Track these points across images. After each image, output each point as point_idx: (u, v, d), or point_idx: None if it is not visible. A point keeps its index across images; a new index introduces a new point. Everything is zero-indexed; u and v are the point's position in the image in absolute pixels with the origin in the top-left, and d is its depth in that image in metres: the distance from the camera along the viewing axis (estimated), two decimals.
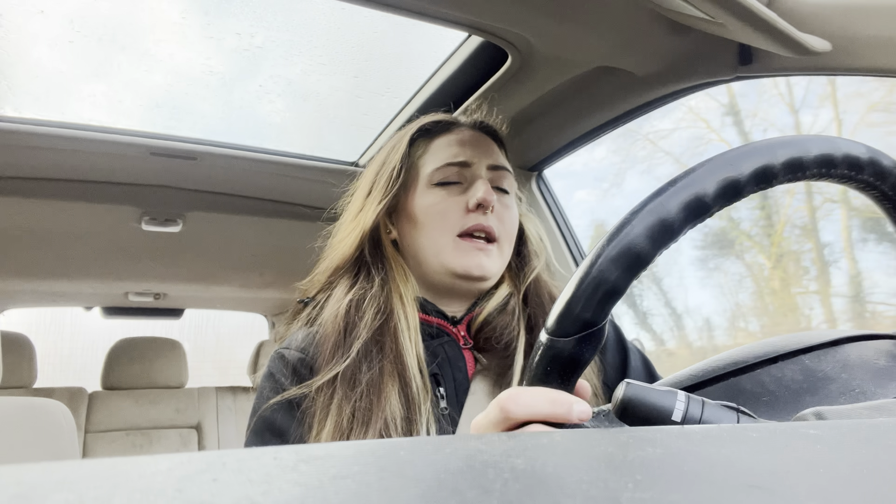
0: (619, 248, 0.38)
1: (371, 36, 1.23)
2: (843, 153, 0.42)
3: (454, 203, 0.83)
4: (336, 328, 0.77)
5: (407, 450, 0.22)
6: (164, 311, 3.15)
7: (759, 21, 0.73)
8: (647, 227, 0.38)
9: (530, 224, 0.94)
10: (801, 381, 0.44)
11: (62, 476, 0.17)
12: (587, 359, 0.40)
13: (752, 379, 0.44)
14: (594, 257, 0.39)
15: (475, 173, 0.85)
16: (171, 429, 2.81)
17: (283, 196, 1.83)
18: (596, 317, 0.39)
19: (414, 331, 0.79)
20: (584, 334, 0.39)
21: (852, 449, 0.24)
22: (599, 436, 0.25)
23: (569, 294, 0.39)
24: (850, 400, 0.41)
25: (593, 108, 1.22)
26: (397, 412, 0.71)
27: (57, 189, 1.66)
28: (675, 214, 0.39)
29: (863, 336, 0.47)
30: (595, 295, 0.39)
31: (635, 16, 0.92)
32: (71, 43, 1.21)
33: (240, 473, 0.18)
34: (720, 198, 0.39)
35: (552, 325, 0.40)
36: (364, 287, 0.82)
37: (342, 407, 0.71)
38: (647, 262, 0.39)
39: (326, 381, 0.73)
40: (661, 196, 0.39)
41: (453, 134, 0.89)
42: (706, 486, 0.19)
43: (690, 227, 0.40)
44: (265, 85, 1.40)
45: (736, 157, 0.40)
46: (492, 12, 0.94)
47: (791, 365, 0.45)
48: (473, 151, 0.86)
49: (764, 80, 2.04)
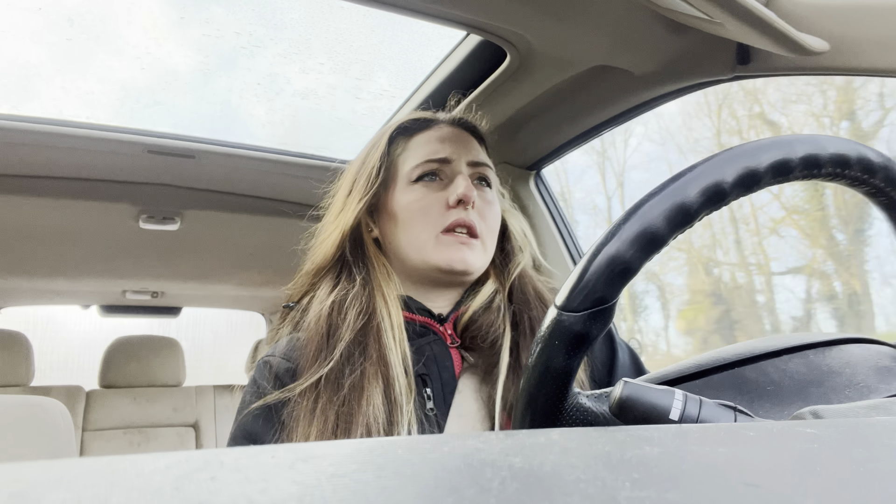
0: (635, 227, 0.39)
1: (370, 35, 1.23)
2: (858, 155, 0.42)
3: (435, 199, 0.83)
4: (319, 331, 0.77)
5: (405, 448, 0.22)
6: (162, 310, 3.15)
7: (757, 20, 0.73)
8: (666, 210, 0.39)
9: (513, 219, 0.94)
10: (805, 373, 0.44)
11: (59, 474, 0.17)
12: (595, 335, 0.40)
13: (756, 370, 0.45)
14: (609, 234, 0.39)
15: (455, 169, 0.85)
16: (168, 427, 2.81)
17: (281, 194, 1.83)
18: (607, 294, 0.39)
19: (398, 329, 0.78)
20: (594, 311, 0.39)
21: (849, 448, 0.24)
22: (597, 434, 0.25)
23: (581, 268, 0.40)
24: (855, 393, 0.41)
25: (591, 107, 1.22)
26: (380, 415, 0.70)
27: (54, 187, 1.66)
28: (693, 199, 0.39)
29: (865, 339, 0.48)
30: (608, 271, 0.39)
31: (633, 15, 0.92)
32: (69, 41, 1.21)
33: (237, 472, 0.18)
34: (738, 186, 0.40)
35: (563, 300, 0.40)
36: (346, 288, 0.81)
37: (326, 412, 0.70)
38: (663, 244, 0.39)
39: (310, 386, 0.73)
40: (681, 180, 0.39)
41: (432, 131, 0.89)
42: (703, 485, 0.19)
43: (707, 212, 0.40)
44: (263, 83, 1.40)
45: (756, 148, 0.40)
46: (490, 11, 0.94)
47: (796, 359, 0.45)
48: (453, 147, 0.86)
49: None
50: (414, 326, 0.82)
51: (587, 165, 2.90)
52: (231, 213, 1.92)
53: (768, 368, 0.45)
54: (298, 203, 1.86)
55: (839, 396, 0.42)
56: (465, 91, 1.25)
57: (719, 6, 0.72)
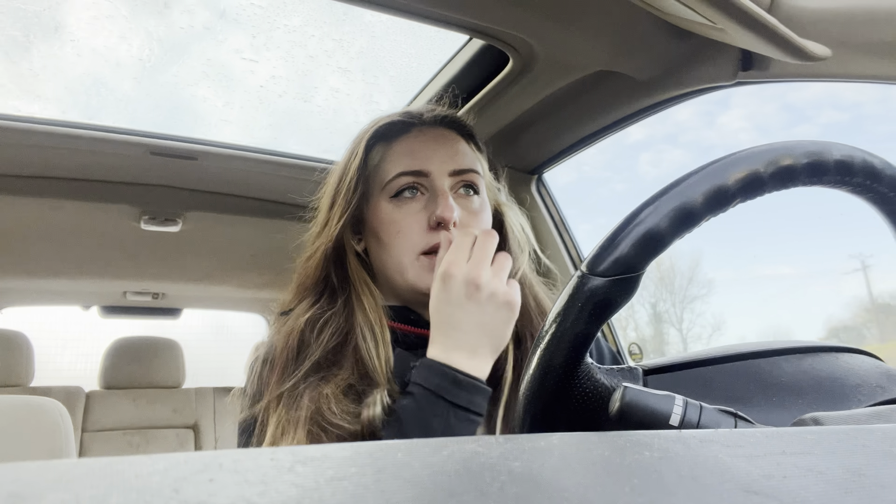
0: (674, 202, 0.39)
1: (373, 38, 1.24)
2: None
3: (414, 221, 0.78)
4: (289, 345, 0.76)
5: (404, 452, 0.22)
6: (163, 311, 3.14)
7: (759, 27, 0.73)
8: (705, 190, 0.39)
9: (512, 215, 0.89)
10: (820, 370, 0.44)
11: (59, 475, 0.17)
12: (618, 304, 0.40)
13: (771, 363, 0.45)
14: (646, 204, 0.40)
15: (435, 185, 0.79)
16: (168, 429, 2.80)
17: (282, 196, 1.83)
18: (636, 262, 0.39)
19: (382, 344, 0.75)
20: (621, 278, 0.39)
21: (849, 454, 0.24)
22: (597, 439, 0.25)
23: (613, 233, 0.40)
24: (868, 392, 0.41)
25: (594, 111, 1.23)
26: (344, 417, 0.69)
27: (56, 188, 1.66)
28: (731, 185, 0.39)
29: (855, 350, 0.48)
30: (641, 240, 0.39)
31: (636, 20, 0.93)
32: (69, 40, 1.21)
33: (236, 474, 0.18)
34: (775, 180, 0.40)
35: (590, 262, 0.40)
36: (324, 308, 0.79)
37: (280, 423, 0.70)
38: (696, 223, 0.39)
39: (272, 401, 0.72)
40: (722, 162, 0.40)
41: (412, 136, 0.83)
42: (703, 491, 0.19)
43: (741, 200, 0.40)
44: (266, 86, 1.40)
45: (795, 145, 0.41)
46: (494, 15, 0.94)
47: (808, 358, 0.45)
48: (433, 157, 0.80)
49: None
50: (406, 338, 0.80)
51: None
52: (232, 215, 1.92)
53: (782, 363, 0.45)
54: (300, 205, 1.85)
55: (854, 394, 0.42)
56: (467, 95, 1.25)
57: (722, 12, 0.72)
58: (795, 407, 0.41)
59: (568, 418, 0.43)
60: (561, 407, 0.42)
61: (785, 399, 0.42)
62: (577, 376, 0.42)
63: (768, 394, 0.42)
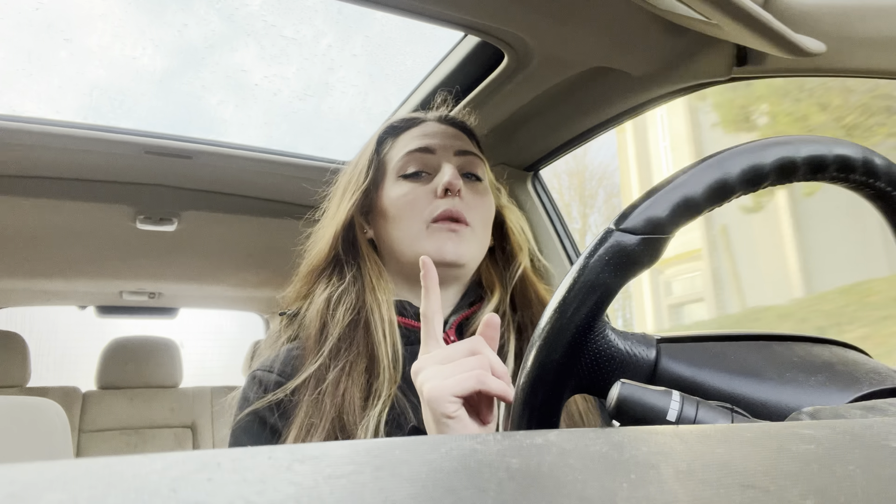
0: (712, 173, 0.40)
1: (367, 37, 1.23)
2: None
3: (423, 192, 0.83)
4: (314, 327, 0.77)
5: (402, 449, 0.22)
6: (159, 311, 3.14)
7: (754, 22, 0.73)
8: (743, 166, 0.40)
9: (512, 215, 0.93)
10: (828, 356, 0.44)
11: (55, 475, 0.17)
12: (643, 264, 0.40)
13: (784, 345, 0.45)
14: (683, 170, 0.40)
15: (441, 160, 0.85)
16: (165, 428, 2.80)
17: (278, 195, 1.83)
18: (667, 223, 0.40)
19: (389, 325, 0.77)
20: (650, 237, 0.40)
21: (846, 449, 0.24)
22: (595, 435, 0.25)
23: (648, 192, 0.40)
24: (878, 380, 0.41)
25: (589, 108, 1.23)
26: (356, 408, 0.70)
27: (51, 187, 1.65)
28: (767, 166, 0.40)
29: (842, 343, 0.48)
30: (676, 203, 0.39)
31: (631, 17, 0.93)
32: (67, 41, 1.21)
33: (235, 473, 0.18)
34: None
35: (620, 218, 0.40)
36: (337, 285, 0.81)
37: (308, 407, 0.70)
38: (729, 197, 0.40)
39: (300, 384, 0.73)
40: (760, 142, 0.41)
41: (419, 127, 0.90)
42: (700, 486, 0.19)
43: (771, 183, 0.41)
44: (261, 84, 1.40)
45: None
46: (488, 12, 0.94)
47: (819, 346, 0.46)
48: (439, 139, 0.87)
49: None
50: (409, 333, 0.80)
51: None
52: (228, 214, 1.92)
53: (794, 347, 0.46)
54: (296, 204, 1.85)
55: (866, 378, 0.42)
56: (463, 92, 1.25)
57: (716, 8, 0.72)
58: (808, 384, 0.41)
59: (575, 384, 0.42)
60: (569, 371, 0.42)
61: (798, 375, 0.42)
62: (594, 331, 0.42)
63: (781, 370, 0.42)
